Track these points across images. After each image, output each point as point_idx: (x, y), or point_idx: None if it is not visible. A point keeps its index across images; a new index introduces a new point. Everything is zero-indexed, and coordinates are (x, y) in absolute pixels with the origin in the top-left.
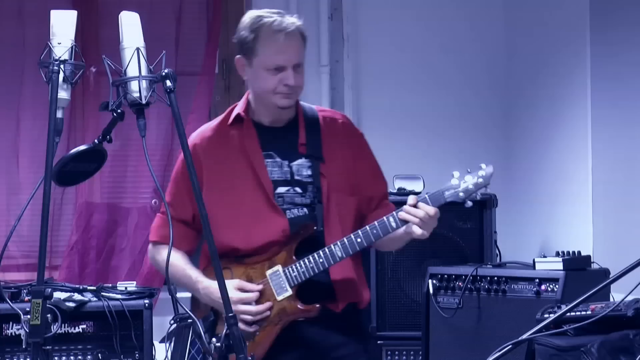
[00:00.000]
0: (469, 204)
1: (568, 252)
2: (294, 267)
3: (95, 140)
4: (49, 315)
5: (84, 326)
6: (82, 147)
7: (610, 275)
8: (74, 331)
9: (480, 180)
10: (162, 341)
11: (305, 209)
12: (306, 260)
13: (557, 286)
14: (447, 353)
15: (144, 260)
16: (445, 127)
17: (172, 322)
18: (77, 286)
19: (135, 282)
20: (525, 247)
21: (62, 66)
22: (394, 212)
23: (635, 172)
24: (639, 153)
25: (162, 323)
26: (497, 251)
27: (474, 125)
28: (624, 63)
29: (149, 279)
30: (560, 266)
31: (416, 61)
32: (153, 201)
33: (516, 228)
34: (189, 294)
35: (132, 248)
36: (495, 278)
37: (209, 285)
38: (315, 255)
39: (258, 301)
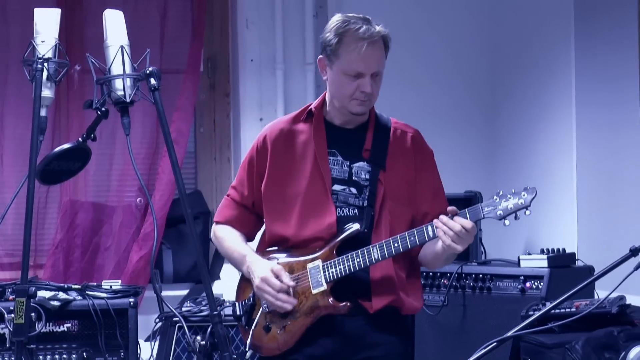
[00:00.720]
0: (507, 223)
1: (553, 250)
2: (332, 263)
3: (80, 139)
4: (33, 314)
5: (69, 325)
6: (66, 146)
7: (595, 273)
8: (59, 330)
9: (522, 201)
10: (147, 340)
11: (356, 210)
12: (344, 259)
13: (541, 283)
14: (432, 350)
15: (129, 258)
16: (430, 126)
17: (158, 320)
18: (62, 285)
19: (120, 281)
20: (510, 244)
21: (45, 64)
22: (433, 221)
23: (619, 170)
24: (623, 151)
25: (147, 321)
26: (482, 249)
27: (458, 123)
28: (609, 62)
29: (134, 278)
30: (545, 263)
31: (400, 60)
32: (138, 199)
33: (501, 225)
34: (174, 292)
35: (117, 246)
36: (480, 275)
37: (253, 260)
38: (354, 255)
39: (294, 292)
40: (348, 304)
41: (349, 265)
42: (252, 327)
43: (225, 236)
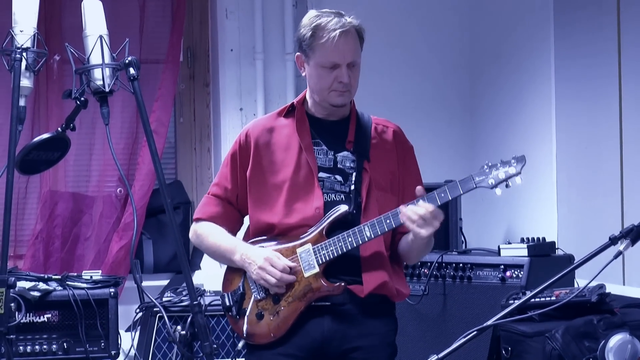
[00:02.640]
0: (499, 192)
1: (533, 239)
2: (323, 245)
3: (59, 129)
4: (12, 305)
5: (49, 315)
6: (46, 135)
7: (575, 261)
8: (39, 320)
9: (512, 169)
10: (127, 330)
11: (342, 196)
12: (336, 240)
13: (522, 272)
14: (413, 340)
15: (109, 248)
16: (409, 116)
17: (138, 310)
18: (42, 275)
19: (100, 271)
20: (490, 233)
21: (24, 54)
22: (398, 208)
23: (598, 158)
24: (602, 140)
25: (127, 312)
26: (463, 238)
27: (438, 112)
28: (588, 52)
29: (115, 268)
30: (525, 252)
31: (380, 49)
32: (118, 189)
33: (481, 215)
34: (154, 282)
35: (97, 237)
36: (461, 265)
37: (247, 247)
38: (345, 234)
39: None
40: (342, 284)
41: (341, 246)
42: (246, 316)
43: (210, 231)
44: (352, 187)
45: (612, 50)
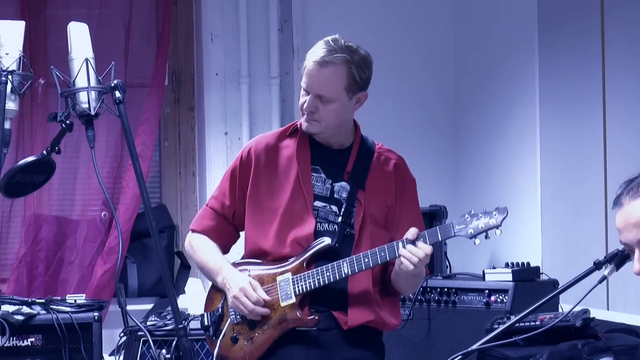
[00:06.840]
0: (477, 242)
1: (517, 263)
2: (302, 277)
3: (44, 152)
4: None
5: (33, 339)
6: (31, 158)
7: (559, 286)
8: (23, 344)
9: (493, 221)
10: (111, 354)
11: (335, 227)
12: (315, 272)
13: (506, 297)
14: None
15: (94, 272)
16: (394, 140)
17: (122, 334)
18: (26, 299)
19: (84, 295)
20: (474, 258)
21: (9, 77)
22: (403, 239)
23: (582, 183)
24: (587, 165)
25: (111, 336)
26: (447, 262)
27: (422, 137)
28: (572, 77)
29: (99, 292)
30: (509, 277)
31: None
32: (102, 213)
33: (466, 240)
34: (139, 306)
35: (81, 260)
36: (445, 289)
37: (230, 271)
38: (324, 268)
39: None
40: (316, 317)
41: (319, 279)
42: (220, 338)
43: (202, 246)
44: (340, 219)
45: (596, 74)
